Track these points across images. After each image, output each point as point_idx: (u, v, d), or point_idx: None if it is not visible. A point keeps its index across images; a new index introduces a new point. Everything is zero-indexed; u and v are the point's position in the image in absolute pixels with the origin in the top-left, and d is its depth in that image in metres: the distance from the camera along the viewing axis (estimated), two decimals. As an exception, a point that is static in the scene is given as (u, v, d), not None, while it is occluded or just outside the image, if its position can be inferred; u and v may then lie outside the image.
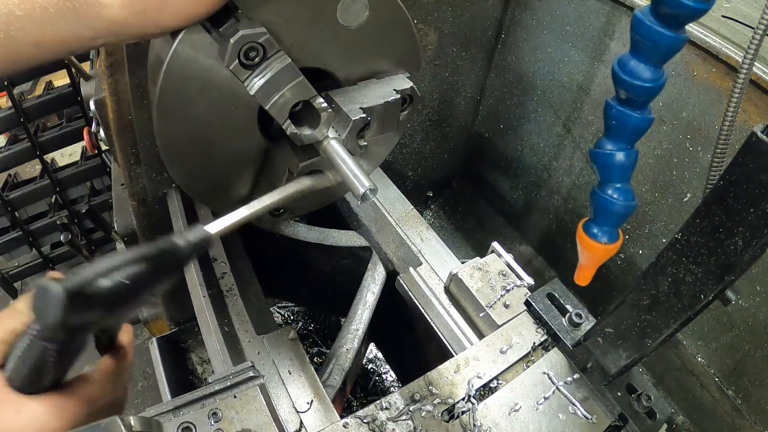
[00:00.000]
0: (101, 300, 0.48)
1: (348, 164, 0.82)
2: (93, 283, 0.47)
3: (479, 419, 0.87)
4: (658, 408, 0.90)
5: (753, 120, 1.24)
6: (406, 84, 0.94)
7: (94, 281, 0.47)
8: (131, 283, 0.49)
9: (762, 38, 0.67)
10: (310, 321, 2.00)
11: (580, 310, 1.00)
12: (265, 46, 0.73)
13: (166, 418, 0.77)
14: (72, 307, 0.46)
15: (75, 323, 0.48)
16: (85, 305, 0.47)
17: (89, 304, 0.48)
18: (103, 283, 0.48)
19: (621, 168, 0.90)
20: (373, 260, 1.29)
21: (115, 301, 0.50)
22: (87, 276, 0.47)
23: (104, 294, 0.48)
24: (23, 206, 2.47)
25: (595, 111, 1.63)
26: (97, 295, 0.48)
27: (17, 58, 0.58)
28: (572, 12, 1.58)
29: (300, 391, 0.96)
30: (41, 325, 0.50)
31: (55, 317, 0.45)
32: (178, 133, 0.84)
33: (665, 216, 1.51)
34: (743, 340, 1.39)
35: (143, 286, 0.51)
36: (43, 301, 0.46)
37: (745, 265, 0.64)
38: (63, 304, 0.45)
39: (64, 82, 2.29)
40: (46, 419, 0.53)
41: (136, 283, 0.50)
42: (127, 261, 0.49)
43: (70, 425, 0.54)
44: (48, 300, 0.45)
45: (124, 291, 0.49)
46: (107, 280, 0.48)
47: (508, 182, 2.09)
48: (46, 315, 0.46)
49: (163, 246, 0.52)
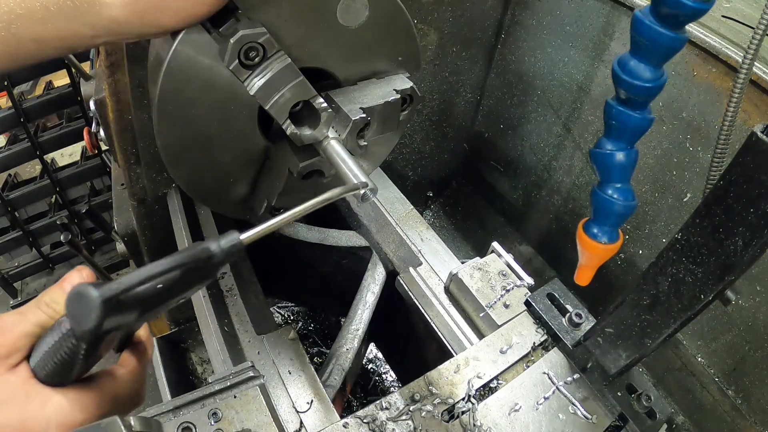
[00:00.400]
0: (135, 306, 0.49)
1: (348, 164, 0.82)
2: (130, 291, 0.47)
3: (479, 419, 0.87)
4: (658, 408, 0.90)
5: (753, 120, 1.24)
6: (406, 84, 0.94)
7: (131, 290, 0.47)
8: (164, 288, 0.49)
9: (762, 38, 0.67)
10: (310, 321, 2.00)
11: (580, 310, 1.00)
12: (265, 46, 0.73)
13: (166, 418, 0.77)
14: (107, 314, 0.46)
15: (108, 327, 0.48)
16: (120, 311, 0.47)
17: (123, 310, 0.48)
18: (139, 290, 0.48)
19: (621, 168, 0.90)
20: (373, 260, 1.29)
21: (147, 306, 0.50)
22: (125, 284, 0.47)
23: (138, 300, 0.48)
24: (23, 206, 2.47)
25: (595, 111, 1.63)
26: (132, 302, 0.48)
27: (18, 55, 0.58)
28: (572, 12, 1.58)
29: (300, 391, 0.96)
30: (75, 327, 0.50)
31: (91, 324, 0.45)
32: (178, 133, 0.84)
33: (665, 216, 1.51)
34: (743, 340, 1.39)
35: (176, 291, 0.52)
36: (79, 307, 0.46)
37: (745, 265, 0.64)
38: (99, 312, 0.45)
39: (64, 82, 2.29)
40: (70, 412, 0.54)
41: (169, 289, 0.50)
42: (164, 270, 0.49)
43: (93, 419, 0.54)
44: (84, 306, 0.45)
45: (157, 296, 0.49)
46: (143, 288, 0.48)
47: (508, 182, 2.09)
48: (81, 321, 0.46)
49: (198, 254, 0.52)
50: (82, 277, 0.56)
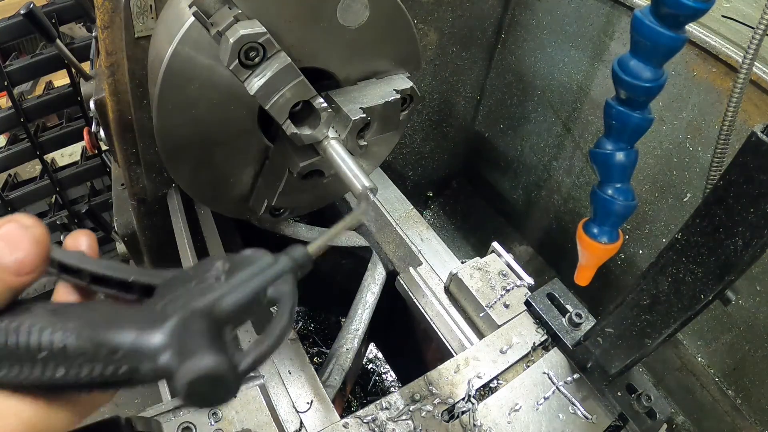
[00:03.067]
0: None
1: (348, 164, 0.82)
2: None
3: (479, 419, 0.87)
4: (658, 408, 0.90)
5: (753, 120, 1.24)
6: (406, 84, 0.94)
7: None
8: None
9: (762, 38, 0.67)
10: (310, 321, 2.00)
11: (580, 310, 1.00)
12: (265, 46, 0.73)
13: (166, 418, 0.77)
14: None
15: None
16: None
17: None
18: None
19: (621, 168, 0.90)
20: (373, 260, 1.29)
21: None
22: (263, 350, 0.37)
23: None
24: (23, 206, 2.47)
25: (595, 111, 1.63)
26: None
27: None
28: (572, 12, 1.58)
29: (300, 391, 0.96)
30: (196, 404, 0.37)
31: (227, 400, 0.35)
32: (178, 133, 0.84)
33: (665, 216, 1.51)
34: (743, 340, 1.39)
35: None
36: (212, 388, 0.34)
37: (745, 265, 0.64)
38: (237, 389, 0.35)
39: (64, 82, 2.29)
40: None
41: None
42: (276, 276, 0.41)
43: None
44: (219, 388, 0.34)
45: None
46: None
47: (508, 182, 2.09)
48: (210, 400, 0.35)
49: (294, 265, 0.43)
50: (31, 237, 0.36)
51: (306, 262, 0.43)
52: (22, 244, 0.35)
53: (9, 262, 0.35)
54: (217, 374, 0.32)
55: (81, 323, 0.34)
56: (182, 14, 0.76)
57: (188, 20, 0.74)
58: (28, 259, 0.35)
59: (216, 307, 0.36)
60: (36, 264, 0.36)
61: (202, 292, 0.36)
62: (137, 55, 0.90)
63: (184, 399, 0.33)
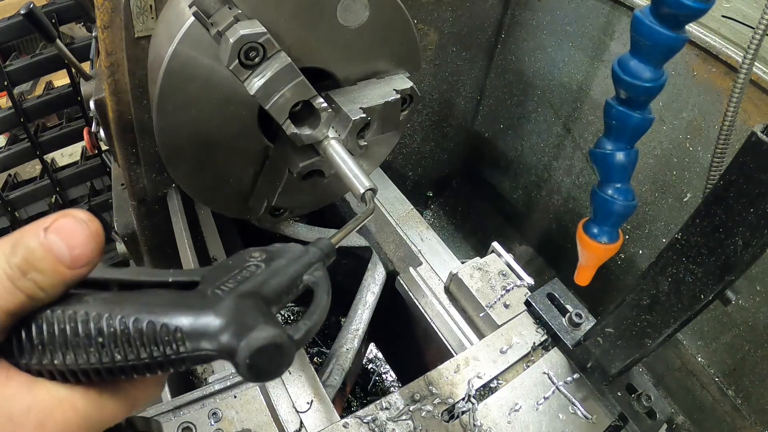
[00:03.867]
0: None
1: (348, 164, 0.82)
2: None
3: (479, 419, 0.87)
4: (658, 408, 0.90)
5: (753, 120, 1.24)
6: (406, 84, 0.94)
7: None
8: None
9: (762, 38, 0.67)
10: (310, 321, 2.00)
11: (580, 310, 1.00)
12: (265, 46, 0.73)
13: (166, 418, 0.77)
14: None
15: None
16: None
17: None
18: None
19: (621, 168, 0.90)
20: (373, 260, 1.29)
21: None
22: (311, 323, 0.40)
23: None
24: (23, 206, 2.47)
25: (595, 111, 1.63)
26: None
27: None
28: (572, 12, 1.58)
29: (300, 391, 0.96)
30: (250, 377, 0.39)
31: (281, 372, 0.38)
32: (178, 133, 0.84)
33: (665, 216, 1.51)
34: (743, 340, 1.39)
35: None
36: (269, 359, 0.36)
37: (745, 265, 0.64)
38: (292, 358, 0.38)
39: (64, 82, 2.29)
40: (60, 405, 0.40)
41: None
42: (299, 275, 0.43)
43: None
44: (276, 358, 0.36)
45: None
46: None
47: (508, 182, 2.09)
48: (267, 373, 0.37)
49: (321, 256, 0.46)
50: (87, 232, 0.37)
51: (331, 251, 0.47)
52: (78, 238, 0.36)
53: (64, 255, 0.36)
54: (276, 344, 0.35)
55: (136, 308, 0.36)
56: (182, 14, 0.76)
57: (188, 20, 0.74)
58: (83, 252, 0.36)
59: (262, 290, 0.39)
60: (90, 257, 0.37)
61: (246, 277, 0.39)
62: (137, 55, 0.90)
63: (247, 371, 0.34)
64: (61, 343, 0.35)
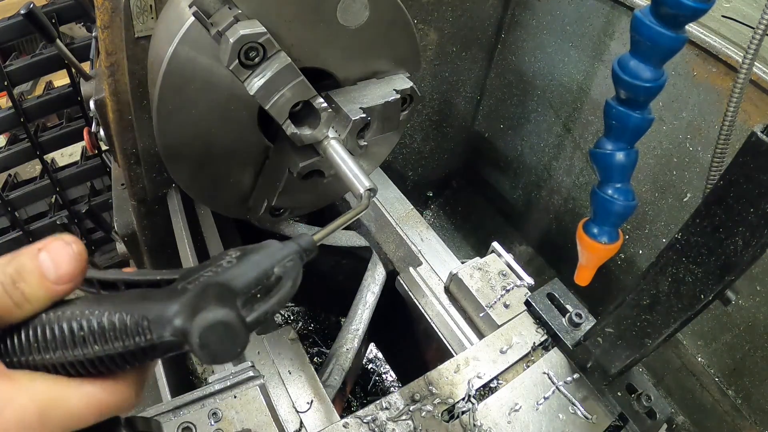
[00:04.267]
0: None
1: (348, 164, 0.82)
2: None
3: (479, 419, 0.87)
4: (658, 408, 0.90)
5: (753, 120, 1.24)
6: (406, 84, 0.94)
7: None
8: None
9: (762, 38, 0.67)
10: (310, 321, 2.00)
11: (580, 310, 1.00)
12: (265, 46, 0.73)
13: (166, 418, 0.77)
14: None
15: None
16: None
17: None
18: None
19: (621, 168, 0.90)
20: (373, 260, 1.29)
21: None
22: (270, 305, 0.41)
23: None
24: (23, 206, 2.47)
25: (595, 111, 1.63)
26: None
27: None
28: (572, 12, 1.58)
29: (300, 391, 0.96)
30: (204, 358, 0.41)
31: (235, 356, 0.40)
32: (178, 133, 0.84)
33: (665, 216, 1.51)
34: (743, 340, 1.39)
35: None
36: (220, 339, 0.37)
37: (745, 265, 0.64)
38: (245, 343, 0.39)
39: (64, 82, 2.29)
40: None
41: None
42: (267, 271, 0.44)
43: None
44: (227, 338, 0.37)
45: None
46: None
47: (508, 182, 2.09)
48: (219, 355, 0.39)
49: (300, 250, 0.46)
50: (72, 252, 0.42)
51: (311, 247, 0.47)
52: (63, 258, 0.42)
53: (50, 271, 0.41)
54: (224, 322, 0.36)
55: (114, 305, 0.39)
56: (182, 14, 0.76)
57: (188, 20, 0.74)
58: (67, 271, 0.41)
59: (229, 281, 0.41)
60: (73, 275, 0.42)
61: (215, 272, 0.42)
62: (137, 55, 0.90)
63: (200, 350, 0.36)
64: (49, 342, 0.39)
